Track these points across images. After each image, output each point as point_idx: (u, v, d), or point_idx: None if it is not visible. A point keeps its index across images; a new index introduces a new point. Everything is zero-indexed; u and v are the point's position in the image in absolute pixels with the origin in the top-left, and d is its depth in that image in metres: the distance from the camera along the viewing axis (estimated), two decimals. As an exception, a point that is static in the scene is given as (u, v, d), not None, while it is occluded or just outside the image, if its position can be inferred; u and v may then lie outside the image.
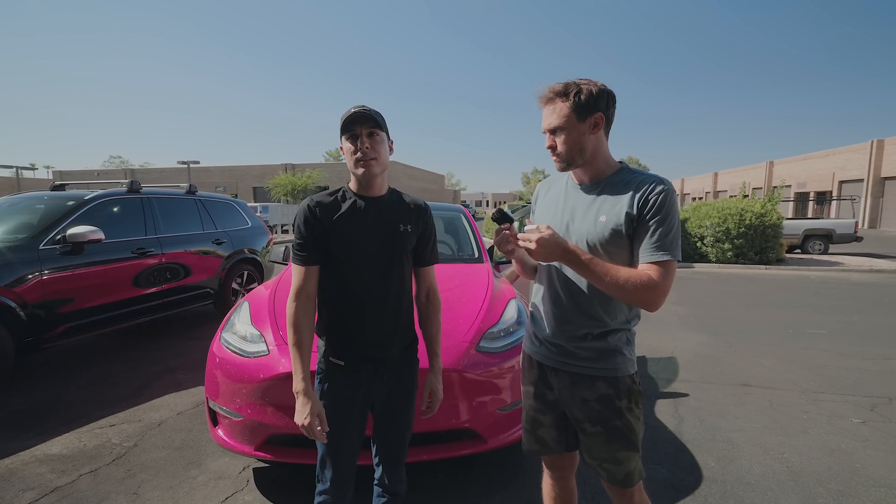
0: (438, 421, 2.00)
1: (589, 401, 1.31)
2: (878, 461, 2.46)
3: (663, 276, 1.18)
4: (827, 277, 9.23)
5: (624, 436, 1.30)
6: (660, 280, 1.18)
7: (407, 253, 1.44)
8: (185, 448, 2.57)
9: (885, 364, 4.04)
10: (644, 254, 1.22)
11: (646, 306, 1.21)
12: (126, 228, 4.33)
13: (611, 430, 1.30)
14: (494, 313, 2.39)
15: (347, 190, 1.42)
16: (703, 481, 2.26)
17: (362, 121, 1.32)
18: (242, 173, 41.90)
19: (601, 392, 1.30)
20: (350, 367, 1.39)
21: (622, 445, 1.31)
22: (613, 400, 1.29)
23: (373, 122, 1.32)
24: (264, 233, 6.14)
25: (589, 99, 1.23)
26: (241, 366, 2.12)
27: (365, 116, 1.31)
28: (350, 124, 1.32)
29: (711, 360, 4.12)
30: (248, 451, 2.03)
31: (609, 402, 1.29)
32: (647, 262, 1.20)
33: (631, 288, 1.17)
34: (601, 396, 1.30)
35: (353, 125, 1.32)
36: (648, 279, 1.18)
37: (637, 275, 1.18)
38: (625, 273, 1.18)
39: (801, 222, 12.94)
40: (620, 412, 1.29)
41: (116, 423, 2.87)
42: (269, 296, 2.57)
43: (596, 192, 1.30)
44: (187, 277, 4.82)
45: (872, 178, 26.66)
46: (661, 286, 1.18)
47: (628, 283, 1.17)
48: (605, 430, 1.31)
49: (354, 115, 1.31)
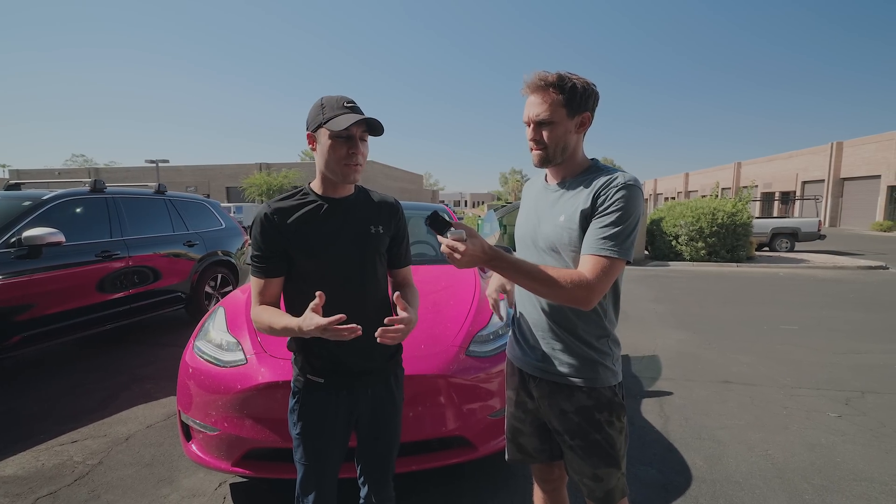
0: (427, 429, 1.92)
1: (567, 412, 1.24)
2: (857, 455, 2.52)
3: (599, 275, 1.07)
4: (795, 274, 9.58)
5: (604, 451, 1.23)
6: (593, 279, 1.07)
7: (381, 256, 1.33)
8: (155, 464, 2.41)
9: (855, 358, 4.18)
10: (586, 246, 1.12)
11: (577, 304, 1.11)
12: (89, 230, 4.07)
13: (590, 444, 1.23)
14: (483, 316, 2.33)
15: (309, 191, 1.27)
16: (693, 481, 2.26)
17: (363, 126, 1.19)
18: (215, 173, 40.71)
19: (580, 403, 1.23)
20: (331, 383, 1.28)
21: (602, 461, 1.23)
22: (592, 412, 1.22)
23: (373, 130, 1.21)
24: (239, 234, 5.92)
25: (582, 96, 1.17)
26: (216, 376, 1.99)
27: (370, 124, 1.19)
28: (346, 126, 1.14)
29: (692, 358, 4.18)
30: (225, 467, 1.91)
31: (588, 414, 1.22)
32: (587, 255, 1.11)
33: (561, 287, 1.07)
34: (580, 408, 1.23)
35: (352, 127, 1.17)
36: (579, 278, 1.08)
37: (568, 272, 1.09)
38: (554, 272, 1.09)
39: (769, 221, 13.44)
40: (600, 425, 1.22)
41: (79, 438, 2.68)
42: (246, 301, 2.43)
43: (561, 191, 1.24)
44: (157, 281, 4.58)
45: (832, 179, 28.03)
46: (593, 285, 1.07)
47: (558, 282, 1.07)
48: (584, 443, 1.24)
49: (357, 121, 1.15)
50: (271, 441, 1.84)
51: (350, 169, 1.21)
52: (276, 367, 1.91)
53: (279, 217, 1.22)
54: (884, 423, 2.90)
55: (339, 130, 1.15)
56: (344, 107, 1.19)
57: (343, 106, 1.19)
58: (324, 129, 1.18)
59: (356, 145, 1.19)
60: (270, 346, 2.01)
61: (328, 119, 1.18)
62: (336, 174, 1.22)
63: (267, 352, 2.00)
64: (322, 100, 1.22)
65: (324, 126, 1.18)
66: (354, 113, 1.19)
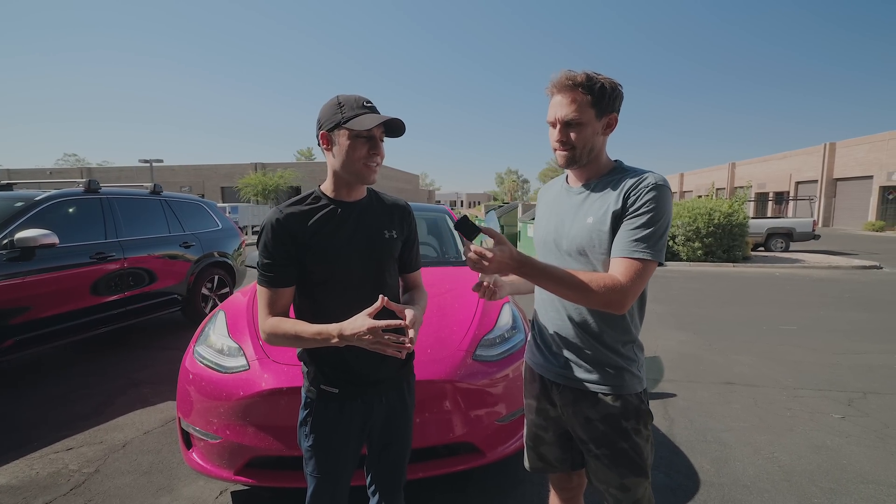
0: (435, 435, 1.89)
1: (593, 420, 1.21)
2: (862, 457, 2.51)
3: (632, 277, 1.05)
4: (791, 274, 9.63)
5: (632, 460, 1.19)
6: (626, 282, 1.04)
7: (394, 261, 1.31)
8: (153, 472, 2.35)
9: (855, 358, 4.19)
10: (617, 248, 1.09)
11: (610, 308, 1.08)
12: (83, 231, 4.00)
13: (617, 453, 1.19)
14: (489, 319, 2.29)
15: (321, 194, 1.23)
16: (702, 485, 2.24)
17: (387, 127, 1.17)
18: (209, 173, 40.38)
19: (606, 411, 1.19)
20: (345, 393, 1.24)
21: (630, 471, 1.20)
22: (619, 420, 1.18)
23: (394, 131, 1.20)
24: (236, 235, 5.85)
25: (610, 96, 1.14)
26: (218, 382, 1.94)
27: (392, 125, 1.17)
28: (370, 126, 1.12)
29: (694, 359, 4.17)
30: (227, 476, 1.86)
31: (614, 422, 1.19)
32: (619, 258, 1.08)
33: (594, 291, 1.04)
34: (606, 416, 1.19)
35: (374, 128, 1.14)
36: (612, 281, 1.05)
37: (601, 277, 1.06)
38: (586, 276, 1.06)
39: (764, 221, 13.53)
40: (627, 434, 1.18)
41: (74, 446, 2.61)
42: (247, 304, 2.38)
43: (586, 192, 1.21)
44: (152, 283, 4.51)
45: (825, 180, 28.27)
46: (626, 288, 1.04)
47: (590, 286, 1.05)
48: (610, 452, 1.20)
49: (386, 122, 1.14)
50: (275, 449, 1.79)
51: (370, 170, 1.18)
52: (279, 372, 1.87)
53: (292, 222, 1.17)
54: (887, 425, 2.89)
55: (361, 130, 1.13)
56: (364, 106, 1.16)
57: (363, 105, 1.16)
58: (343, 129, 1.15)
59: (377, 146, 1.17)
60: (273, 352, 1.97)
61: (348, 118, 1.14)
62: (354, 175, 1.19)
63: (270, 357, 1.95)
64: (339, 98, 1.18)
65: (343, 126, 1.14)
66: (375, 113, 1.16)
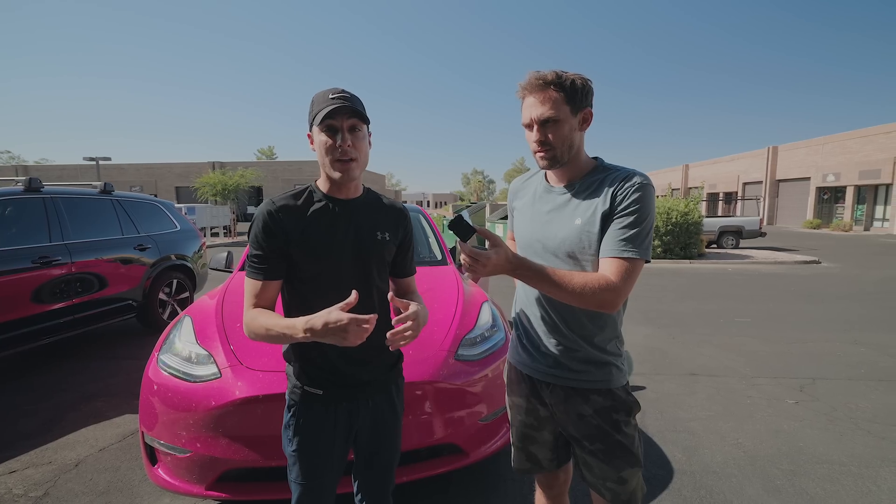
0: (418, 438, 1.85)
1: (585, 416, 1.22)
2: (816, 439, 2.69)
3: (624, 277, 1.07)
4: (742, 270, 10.24)
5: (626, 451, 1.21)
6: (619, 281, 1.06)
7: (385, 264, 1.27)
8: (111, 491, 2.19)
9: (803, 347, 4.50)
10: (606, 248, 1.11)
11: (603, 308, 1.10)
12: (24, 234, 3.68)
13: (612, 445, 1.21)
14: (469, 318, 2.28)
15: (316, 190, 1.21)
16: (675, 474, 2.32)
17: (344, 112, 1.11)
18: (163, 171, 38.43)
19: (598, 406, 1.21)
20: (329, 396, 1.19)
21: (626, 462, 1.22)
22: (611, 413, 1.21)
23: (357, 115, 1.12)
24: (195, 236, 5.56)
25: (582, 91, 1.15)
26: (186, 392, 1.82)
27: (347, 108, 1.10)
28: (329, 115, 1.10)
29: (660, 352, 4.34)
30: (198, 492, 1.75)
31: (606, 415, 1.21)
32: (608, 258, 1.10)
33: (588, 292, 1.06)
34: (598, 410, 1.21)
35: (334, 116, 1.10)
36: (606, 281, 1.07)
37: (594, 277, 1.08)
38: (580, 277, 1.07)
39: (717, 220, 14.32)
40: (618, 426, 1.21)
41: (18, 468, 2.39)
42: (215, 308, 2.26)
43: (571, 193, 1.21)
44: (104, 289, 4.21)
45: (769, 181, 30.32)
46: (619, 287, 1.07)
47: (585, 287, 1.06)
48: (605, 447, 1.22)
49: (336, 107, 1.09)
50: (250, 460, 1.71)
51: (340, 165, 1.13)
52: (254, 380, 1.78)
53: (284, 215, 1.14)
54: (834, 408, 3.11)
55: (320, 124, 1.11)
56: (329, 98, 1.12)
57: (328, 98, 1.13)
58: (315, 127, 1.14)
59: (337, 137, 1.12)
60: (247, 358, 1.87)
61: (314, 114, 1.13)
62: (329, 170, 1.15)
63: (243, 364, 1.85)
64: (315, 96, 1.16)
65: (314, 123, 1.13)
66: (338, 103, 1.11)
